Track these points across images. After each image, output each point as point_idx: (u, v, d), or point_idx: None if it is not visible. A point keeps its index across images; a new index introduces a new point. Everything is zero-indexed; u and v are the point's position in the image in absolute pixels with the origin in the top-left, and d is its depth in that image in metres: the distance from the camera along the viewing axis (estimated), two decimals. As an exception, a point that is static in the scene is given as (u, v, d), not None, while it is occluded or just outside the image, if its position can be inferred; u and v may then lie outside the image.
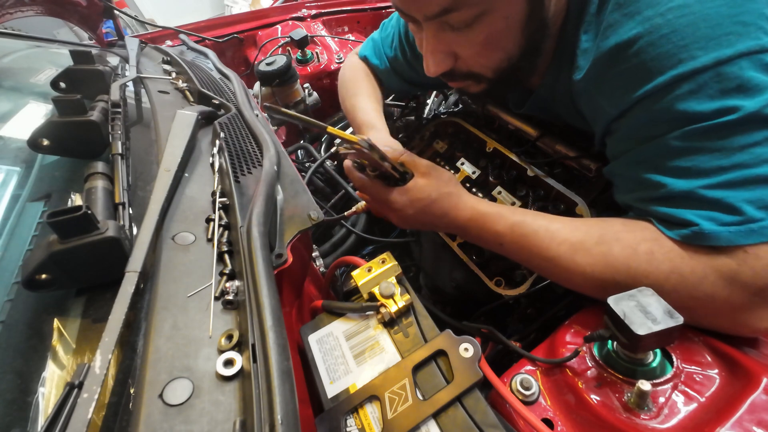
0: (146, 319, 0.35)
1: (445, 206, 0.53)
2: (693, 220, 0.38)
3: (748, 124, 0.36)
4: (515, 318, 0.66)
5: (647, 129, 0.42)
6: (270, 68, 1.05)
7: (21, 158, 0.57)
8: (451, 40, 0.50)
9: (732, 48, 0.36)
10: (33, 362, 0.35)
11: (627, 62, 0.41)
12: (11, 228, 0.47)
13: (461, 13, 0.45)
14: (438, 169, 0.56)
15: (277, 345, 0.30)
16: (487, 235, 0.52)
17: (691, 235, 0.38)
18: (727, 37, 0.37)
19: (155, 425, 0.28)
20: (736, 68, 0.36)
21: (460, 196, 0.54)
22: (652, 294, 0.35)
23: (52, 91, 0.63)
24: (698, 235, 0.38)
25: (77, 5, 1.01)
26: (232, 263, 0.40)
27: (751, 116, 0.36)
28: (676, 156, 0.40)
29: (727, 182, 0.37)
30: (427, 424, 0.34)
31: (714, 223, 0.37)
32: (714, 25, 0.37)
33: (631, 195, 0.46)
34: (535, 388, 0.39)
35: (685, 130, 0.39)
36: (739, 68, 0.36)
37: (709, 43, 0.37)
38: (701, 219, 0.38)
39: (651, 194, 0.43)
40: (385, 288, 0.42)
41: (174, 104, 0.74)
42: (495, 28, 0.47)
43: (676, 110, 0.39)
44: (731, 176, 0.37)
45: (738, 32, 0.37)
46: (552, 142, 0.66)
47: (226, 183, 0.49)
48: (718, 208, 0.38)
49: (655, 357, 0.37)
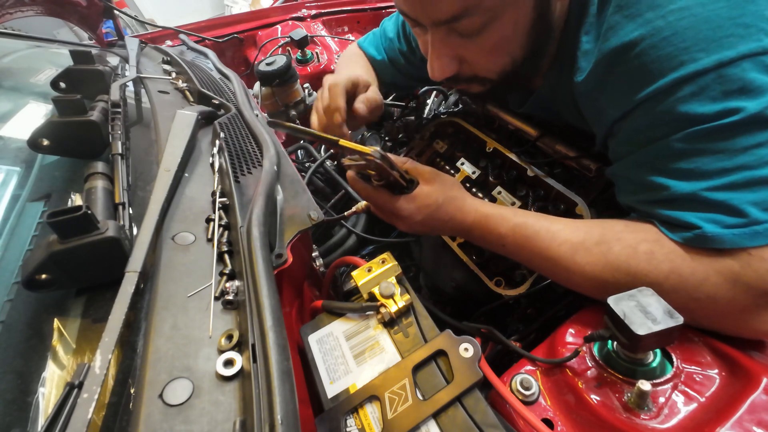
0: (146, 319, 0.35)
1: (450, 210, 0.54)
2: (696, 223, 0.38)
3: (751, 125, 0.36)
4: (515, 318, 0.66)
5: (649, 131, 0.42)
6: (270, 68, 1.04)
7: (21, 158, 0.57)
8: (457, 45, 0.50)
9: (734, 50, 0.36)
10: (33, 362, 0.35)
11: (628, 64, 0.41)
12: (11, 228, 0.47)
13: (471, 20, 0.45)
14: (441, 174, 0.56)
15: (277, 345, 0.30)
16: (491, 236, 0.52)
17: (694, 237, 0.38)
18: (729, 39, 0.37)
19: (155, 425, 0.28)
20: (738, 70, 0.36)
21: (464, 200, 0.55)
22: (652, 294, 0.35)
23: (52, 91, 0.63)
24: (701, 238, 0.38)
25: (77, 5, 1.01)
26: (232, 263, 0.40)
27: (753, 117, 0.36)
28: (678, 158, 0.40)
29: (730, 184, 0.37)
30: (427, 424, 0.34)
31: (717, 226, 0.37)
32: (715, 27, 0.37)
33: (633, 197, 0.46)
34: (535, 388, 0.39)
35: (688, 132, 0.39)
36: (742, 70, 0.36)
37: (710, 45, 0.37)
38: (704, 222, 0.38)
39: (653, 197, 0.42)
40: (385, 288, 0.42)
41: (174, 104, 0.74)
42: (503, 34, 0.47)
43: (678, 112, 0.39)
44: (735, 178, 0.37)
45: (739, 34, 0.36)
46: (552, 142, 0.66)
47: (226, 183, 0.49)
48: (722, 210, 0.37)
49: (655, 357, 0.37)
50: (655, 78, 0.39)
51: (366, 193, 0.57)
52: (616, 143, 0.47)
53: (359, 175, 0.57)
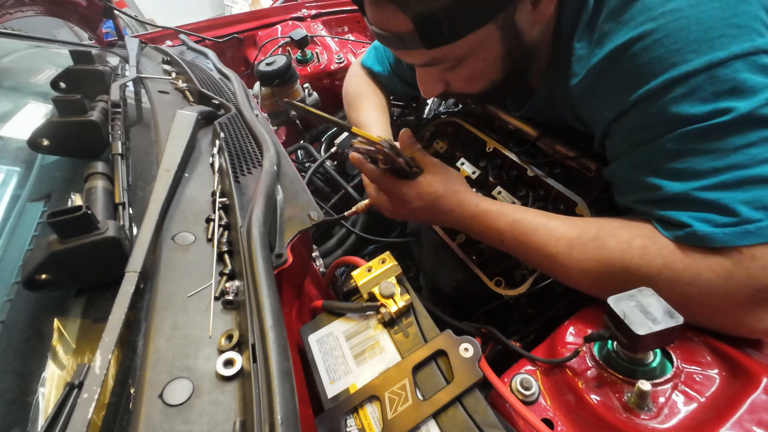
0: (146, 319, 0.35)
1: (451, 202, 0.55)
2: (687, 222, 0.38)
3: (742, 125, 0.37)
4: (515, 318, 0.66)
5: (643, 132, 0.42)
6: (270, 68, 1.05)
7: (21, 158, 0.57)
8: (440, 71, 0.55)
9: (725, 50, 0.36)
10: (33, 362, 0.35)
11: (622, 66, 0.42)
12: (11, 228, 0.47)
13: (442, 65, 0.51)
14: (446, 167, 0.58)
15: (277, 345, 0.30)
16: (489, 231, 0.53)
17: (686, 236, 0.38)
18: (720, 39, 0.37)
19: (155, 425, 0.28)
20: (730, 70, 0.37)
21: (465, 194, 0.56)
22: (652, 294, 0.35)
23: (52, 91, 0.63)
24: (692, 237, 0.38)
25: (77, 5, 1.01)
26: (232, 263, 0.40)
27: (745, 117, 0.36)
28: (671, 158, 0.40)
29: (721, 183, 0.37)
30: (427, 424, 0.34)
31: (708, 225, 0.37)
32: (707, 28, 0.37)
33: (629, 197, 0.46)
34: (535, 388, 0.39)
35: (679, 133, 0.39)
36: (733, 70, 0.36)
37: (701, 46, 0.37)
38: (695, 221, 0.38)
39: (648, 197, 0.43)
40: (385, 288, 0.42)
41: (174, 104, 0.74)
42: (475, 68, 0.52)
43: (671, 113, 0.39)
44: (726, 177, 0.37)
45: (731, 34, 0.37)
46: (552, 142, 0.66)
47: (226, 183, 0.49)
48: (713, 209, 0.38)
49: (655, 357, 0.37)
50: (647, 79, 0.40)
51: (372, 175, 0.59)
52: (612, 144, 0.47)
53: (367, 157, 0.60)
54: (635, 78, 0.41)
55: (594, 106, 0.48)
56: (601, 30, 0.44)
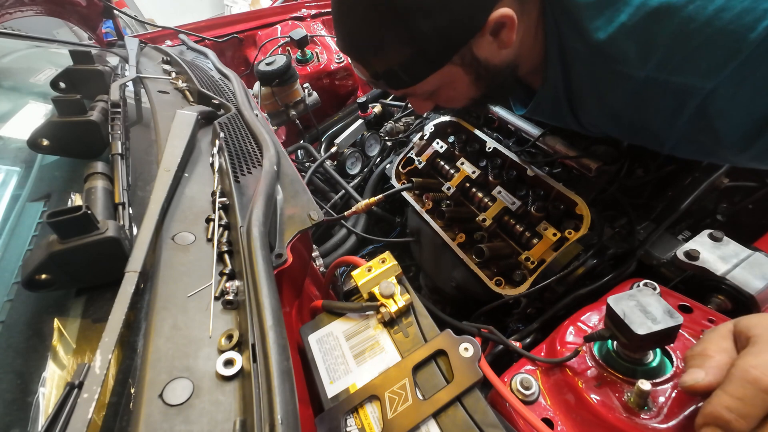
0: (146, 319, 0.35)
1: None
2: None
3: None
4: (515, 318, 0.66)
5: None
6: (270, 68, 1.05)
7: (21, 158, 0.57)
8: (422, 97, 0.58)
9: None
10: (33, 362, 0.35)
11: (700, 35, 0.39)
12: (11, 228, 0.47)
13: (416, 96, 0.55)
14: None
15: (277, 345, 0.30)
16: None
17: None
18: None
19: (155, 425, 0.28)
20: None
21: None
22: (652, 294, 0.35)
23: (52, 91, 0.63)
24: None
25: (77, 5, 1.02)
26: (232, 263, 0.40)
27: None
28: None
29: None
30: (427, 424, 0.34)
31: None
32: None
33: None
34: (535, 387, 0.39)
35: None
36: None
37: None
38: None
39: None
40: (385, 288, 0.42)
41: (174, 104, 0.74)
42: (449, 95, 0.56)
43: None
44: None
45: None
46: (552, 142, 0.66)
47: (226, 183, 0.49)
48: None
49: (655, 356, 0.37)
50: (746, 35, 0.37)
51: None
52: (737, 103, 0.41)
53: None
54: (726, 43, 0.38)
55: (655, 91, 0.44)
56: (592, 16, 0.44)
